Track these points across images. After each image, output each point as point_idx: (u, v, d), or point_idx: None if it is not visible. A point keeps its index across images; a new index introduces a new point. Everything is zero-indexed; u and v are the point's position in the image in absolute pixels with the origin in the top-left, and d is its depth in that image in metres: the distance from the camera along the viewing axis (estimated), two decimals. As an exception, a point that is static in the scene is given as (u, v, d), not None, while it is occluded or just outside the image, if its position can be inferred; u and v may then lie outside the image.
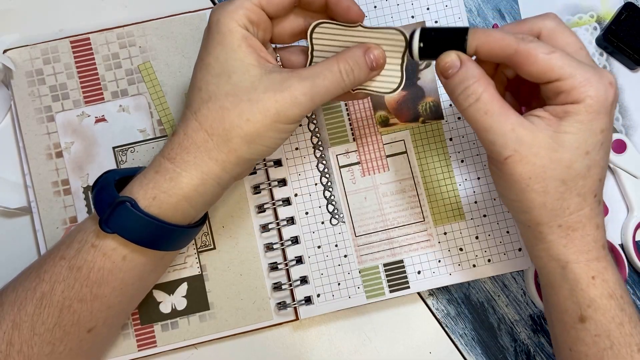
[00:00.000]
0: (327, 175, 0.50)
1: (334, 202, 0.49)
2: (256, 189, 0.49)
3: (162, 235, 0.39)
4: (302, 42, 0.43)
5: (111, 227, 0.38)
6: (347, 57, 0.39)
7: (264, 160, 0.50)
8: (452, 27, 0.39)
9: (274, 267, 0.49)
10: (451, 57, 0.38)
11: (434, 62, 0.39)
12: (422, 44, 0.39)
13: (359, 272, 0.49)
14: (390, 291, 0.49)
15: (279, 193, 0.49)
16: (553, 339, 0.41)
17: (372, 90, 0.42)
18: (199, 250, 0.49)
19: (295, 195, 0.49)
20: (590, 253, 0.37)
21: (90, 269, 0.39)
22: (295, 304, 0.48)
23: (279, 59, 0.42)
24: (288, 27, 0.42)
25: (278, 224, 0.49)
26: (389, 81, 0.41)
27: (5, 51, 0.50)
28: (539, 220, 0.37)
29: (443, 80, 0.38)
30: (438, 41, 0.38)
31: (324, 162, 0.50)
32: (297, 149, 0.50)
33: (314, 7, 0.40)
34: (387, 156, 0.50)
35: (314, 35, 0.41)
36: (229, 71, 0.37)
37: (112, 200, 0.38)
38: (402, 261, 0.49)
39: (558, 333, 0.40)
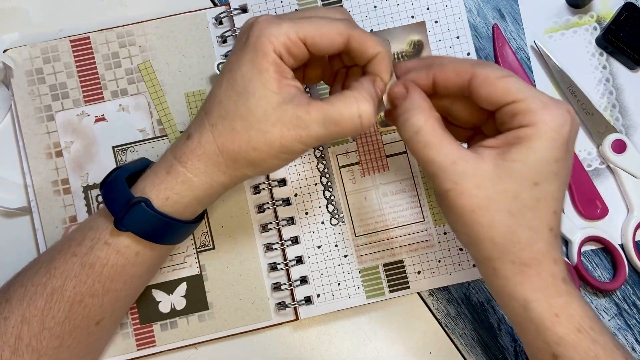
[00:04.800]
0: (327, 175, 0.50)
1: (334, 202, 0.49)
2: (256, 189, 0.49)
3: (173, 231, 0.41)
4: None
5: (126, 225, 0.39)
6: (366, 96, 0.36)
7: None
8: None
9: (273, 267, 0.49)
10: (398, 87, 0.38)
11: None
12: None
13: (359, 272, 0.49)
14: (390, 291, 0.48)
15: (279, 193, 0.49)
16: None
17: None
18: (198, 250, 0.49)
19: (295, 195, 0.49)
20: (549, 289, 0.35)
21: (104, 265, 0.40)
22: (295, 304, 0.48)
23: None
24: (319, 72, 0.42)
25: (278, 224, 0.49)
26: None
27: (5, 51, 0.50)
28: (489, 255, 0.35)
29: (393, 109, 0.38)
30: None
31: (324, 162, 0.50)
32: (297, 148, 0.50)
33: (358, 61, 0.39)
34: (387, 156, 0.50)
35: None
36: (248, 92, 0.37)
37: (126, 200, 0.39)
38: (402, 261, 0.49)
39: None
